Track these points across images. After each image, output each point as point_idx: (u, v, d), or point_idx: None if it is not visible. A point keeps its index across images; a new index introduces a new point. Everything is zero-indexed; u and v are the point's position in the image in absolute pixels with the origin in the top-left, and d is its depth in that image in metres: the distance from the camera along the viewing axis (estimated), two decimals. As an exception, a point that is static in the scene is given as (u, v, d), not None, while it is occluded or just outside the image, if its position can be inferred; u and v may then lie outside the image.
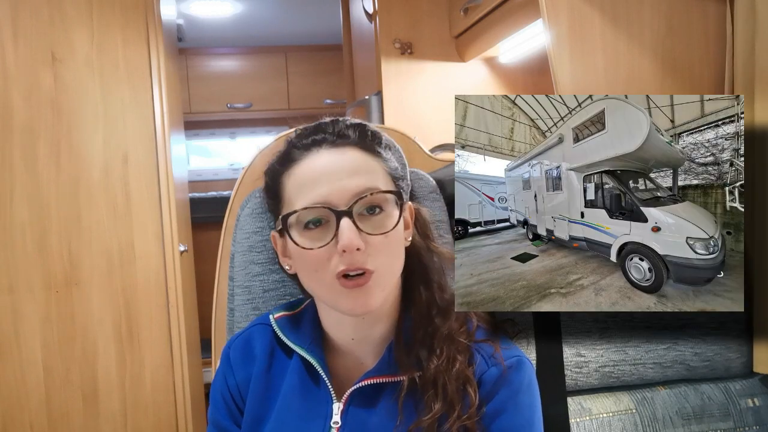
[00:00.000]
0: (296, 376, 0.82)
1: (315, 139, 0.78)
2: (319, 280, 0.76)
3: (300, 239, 0.75)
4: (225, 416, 0.85)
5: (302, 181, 0.76)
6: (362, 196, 0.74)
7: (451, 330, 0.79)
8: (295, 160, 0.78)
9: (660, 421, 1.05)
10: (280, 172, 0.80)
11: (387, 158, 0.81)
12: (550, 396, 1.01)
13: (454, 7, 2.06)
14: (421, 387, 0.76)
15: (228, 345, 0.88)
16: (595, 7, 1.20)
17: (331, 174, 0.75)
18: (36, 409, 1.94)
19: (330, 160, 0.76)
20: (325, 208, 0.73)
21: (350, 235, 0.72)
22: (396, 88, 2.12)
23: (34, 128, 1.91)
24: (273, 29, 3.77)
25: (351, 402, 0.79)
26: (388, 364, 0.78)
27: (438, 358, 0.76)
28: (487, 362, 0.78)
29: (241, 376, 0.84)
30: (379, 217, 0.75)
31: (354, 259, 0.72)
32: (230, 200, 1.06)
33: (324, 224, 0.74)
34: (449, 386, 0.75)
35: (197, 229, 2.66)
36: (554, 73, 1.20)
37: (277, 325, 0.85)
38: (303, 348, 0.82)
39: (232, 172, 4.25)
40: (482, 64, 2.17)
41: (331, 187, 0.74)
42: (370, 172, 0.77)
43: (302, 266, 0.78)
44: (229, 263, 1.01)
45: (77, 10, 1.93)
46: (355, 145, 0.78)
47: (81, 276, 1.97)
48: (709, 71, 1.24)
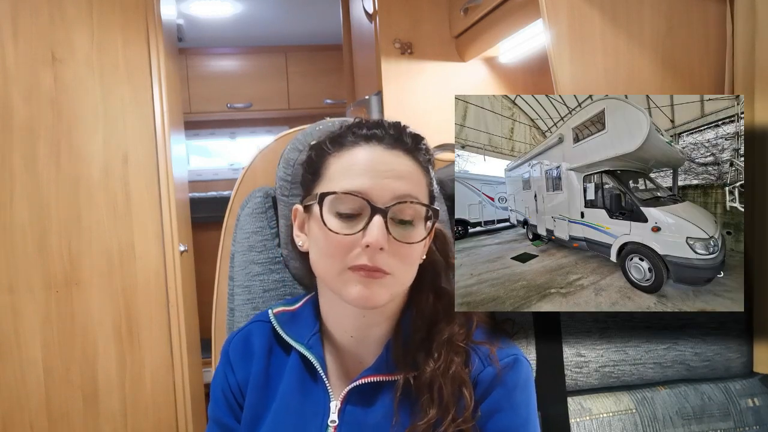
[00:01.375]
0: (294, 373, 0.82)
1: (375, 134, 0.79)
2: (333, 266, 0.76)
3: (330, 221, 0.75)
4: (226, 413, 0.85)
5: (349, 167, 0.77)
6: (402, 200, 0.75)
7: (452, 334, 0.79)
8: (347, 145, 0.79)
9: (660, 421, 1.05)
10: (328, 151, 0.80)
11: (431, 175, 0.82)
12: (550, 396, 1.01)
13: (454, 7, 2.06)
14: (416, 389, 0.76)
15: (227, 342, 0.88)
16: (595, 7, 1.20)
17: (379, 170, 0.76)
18: (36, 409, 1.93)
19: (382, 156, 0.77)
20: (363, 200, 0.74)
21: (378, 233, 0.72)
22: (396, 88, 2.12)
23: (34, 128, 1.91)
24: (273, 29, 3.77)
25: (348, 401, 0.79)
26: (386, 363, 0.79)
27: (435, 362, 0.76)
28: (483, 362, 0.78)
29: (241, 373, 0.85)
30: (409, 228, 0.76)
31: (374, 258, 0.73)
32: (230, 200, 1.06)
33: (357, 216, 0.75)
34: (445, 390, 0.75)
35: (197, 229, 2.66)
36: (554, 73, 1.20)
37: (276, 320, 0.85)
38: (302, 344, 0.82)
39: (232, 172, 4.25)
40: (482, 64, 2.17)
41: (375, 182, 0.75)
42: (416, 183, 0.78)
43: (320, 248, 0.78)
44: (229, 263, 1.01)
45: (77, 10, 1.93)
46: (409, 153, 0.79)
47: (81, 276, 1.97)
48: (709, 71, 1.24)
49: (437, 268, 0.85)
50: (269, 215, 0.99)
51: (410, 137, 0.80)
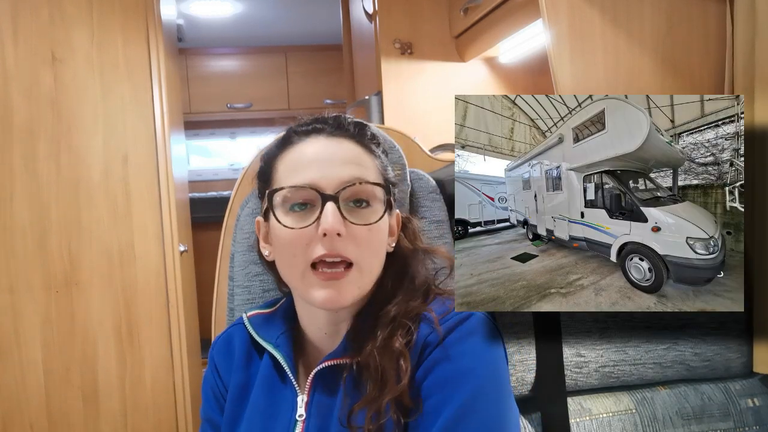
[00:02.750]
0: (265, 375, 0.83)
1: (315, 127, 0.80)
2: (295, 266, 0.76)
3: (284, 218, 0.75)
4: (218, 413, 0.86)
5: (294, 164, 0.78)
6: (350, 183, 0.75)
7: (399, 311, 0.77)
8: (292, 143, 0.80)
9: (660, 421, 1.05)
10: (274, 155, 0.81)
11: (381, 158, 0.82)
12: (550, 396, 1.01)
13: (454, 7, 2.06)
14: (358, 370, 0.76)
15: (212, 346, 0.90)
16: (595, 6, 1.20)
17: (323, 159, 0.76)
18: (36, 409, 1.94)
19: (324, 146, 0.78)
20: (312, 190, 0.74)
21: (333, 219, 0.72)
22: (396, 88, 2.13)
23: (34, 128, 1.91)
24: (273, 29, 3.77)
25: (315, 391, 0.79)
26: (344, 349, 0.78)
27: (375, 341, 0.75)
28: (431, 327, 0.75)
29: (226, 377, 0.86)
30: (365, 210, 0.76)
31: (333, 245, 0.73)
32: (230, 200, 1.06)
33: (309, 209, 0.75)
34: (382, 366, 0.73)
35: (197, 229, 2.66)
36: (554, 73, 1.20)
37: (249, 323, 0.86)
38: (270, 343, 0.82)
39: (232, 172, 4.25)
40: (482, 64, 2.17)
41: (321, 172, 0.75)
42: (362, 165, 0.78)
43: (281, 250, 0.78)
44: (229, 263, 1.01)
45: (77, 10, 1.94)
46: (352, 138, 0.80)
47: (81, 276, 1.97)
48: (709, 71, 1.24)
49: (405, 255, 0.83)
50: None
51: (352, 124, 0.81)
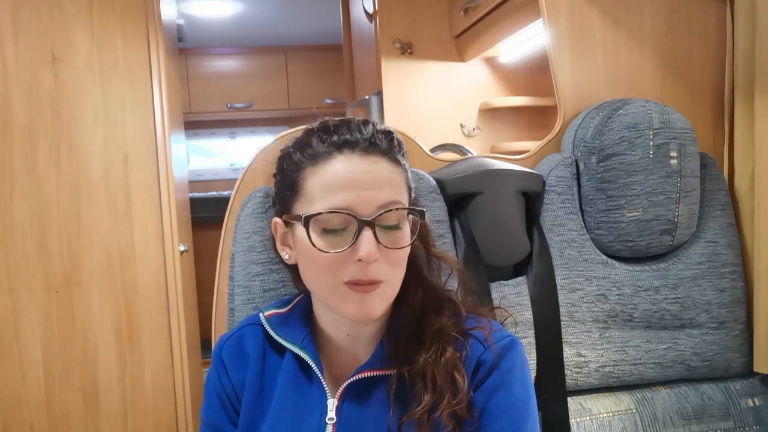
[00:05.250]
0: (289, 374, 0.82)
1: (347, 140, 0.76)
2: (325, 281, 0.76)
3: (318, 241, 0.74)
4: (221, 416, 0.84)
5: (329, 183, 0.75)
6: (387, 209, 0.74)
7: (441, 325, 0.80)
8: (321, 156, 0.76)
9: (660, 421, 1.05)
10: (301, 165, 0.78)
11: (406, 167, 0.81)
12: (550, 396, 1.01)
13: (454, 7, 2.06)
14: (410, 380, 0.77)
15: (219, 345, 0.88)
16: (595, 6, 1.20)
17: (360, 182, 0.74)
18: (36, 409, 1.93)
19: (361, 167, 0.75)
20: (349, 215, 0.73)
21: (370, 247, 0.72)
22: (396, 88, 2.12)
23: (34, 128, 1.91)
24: (273, 29, 3.77)
25: (345, 397, 0.79)
26: (380, 359, 0.79)
27: (427, 352, 0.77)
28: (483, 345, 0.79)
29: (236, 377, 0.84)
30: (397, 233, 0.76)
31: (368, 270, 0.73)
32: (230, 200, 1.06)
33: (344, 231, 0.74)
34: (438, 377, 0.76)
35: (197, 229, 2.66)
36: (554, 73, 1.20)
37: (268, 323, 0.85)
38: (296, 345, 0.82)
39: (232, 172, 4.25)
40: (482, 64, 2.17)
41: (358, 196, 0.73)
42: (396, 185, 0.77)
43: (310, 266, 0.78)
44: (229, 263, 1.01)
45: (77, 10, 1.93)
46: (386, 155, 0.77)
47: (81, 276, 1.96)
48: (709, 71, 1.24)
49: (419, 260, 0.85)
50: (269, 215, 0.99)
51: (383, 137, 0.78)
